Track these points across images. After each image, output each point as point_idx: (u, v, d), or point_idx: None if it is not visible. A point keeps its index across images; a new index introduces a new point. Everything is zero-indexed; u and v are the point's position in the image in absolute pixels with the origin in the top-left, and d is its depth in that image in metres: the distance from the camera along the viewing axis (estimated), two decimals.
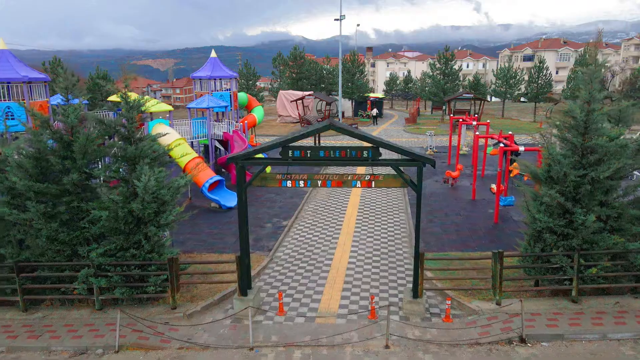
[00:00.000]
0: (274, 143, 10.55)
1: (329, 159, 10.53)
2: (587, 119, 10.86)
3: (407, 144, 37.04)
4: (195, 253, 15.39)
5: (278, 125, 50.46)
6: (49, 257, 11.33)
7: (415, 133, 42.94)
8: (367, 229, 17.62)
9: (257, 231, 17.33)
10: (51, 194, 10.95)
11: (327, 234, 17.25)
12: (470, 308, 11.29)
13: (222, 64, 29.39)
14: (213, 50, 29.63)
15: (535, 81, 52.48)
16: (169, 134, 21.43)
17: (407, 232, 17.31)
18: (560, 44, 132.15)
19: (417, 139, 40.00)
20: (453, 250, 15.25)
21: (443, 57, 49.10)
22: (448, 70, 49.08)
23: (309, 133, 10.59)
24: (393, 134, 42.96)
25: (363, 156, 10.47)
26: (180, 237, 16.62)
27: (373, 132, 43.75)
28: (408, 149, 10.66)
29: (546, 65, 52.40)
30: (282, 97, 52.76)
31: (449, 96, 47.38)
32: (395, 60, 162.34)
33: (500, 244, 15.70)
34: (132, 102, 11.13)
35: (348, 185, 10.78)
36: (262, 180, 10.76)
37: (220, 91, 28.86)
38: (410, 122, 49.17)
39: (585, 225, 10.68)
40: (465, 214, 19.13)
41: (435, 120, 53.90)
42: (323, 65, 72.61)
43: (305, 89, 58.95)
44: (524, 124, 51.20)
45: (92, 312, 11.45)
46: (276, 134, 43.36)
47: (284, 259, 15.07)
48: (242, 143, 24.38)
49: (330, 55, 79.38)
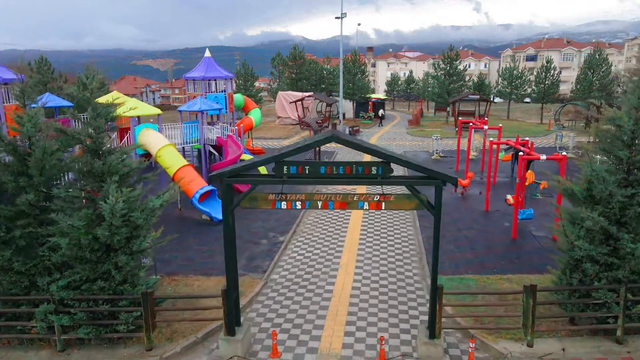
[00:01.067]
0: (266, 158, 8.90)
1: (331, 177, 8.88)
2: (635, 128, 9.20)
3: (410, 147, 35.35)
4: (180, 276, 13.73)
5: (277, 127, 48.80)
6: (2, 290, 9.68)
7: (419, 136, 41.25)
8: (371, 246, 15.95)
9: (251, 248, 15.67)
10: (4, 217, 9.29)
11: (327, 251, 15.58)
12: (496, 350, 9.63)
13: (216, 64, 27.75)
14: (207, 49, 27.99)
15: (542, 82, 50.79)
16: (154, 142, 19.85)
17: (417, 249, 15.65)
18: (564, 43, 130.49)
19: (421, 142, 38.32)
20: (469, 273, 13.58)
21: (447, 57, 47.44)
22: (452, 71, 47.40)
23: (307, 146, 8.93)
24: (396, 137, 41.28)
25: (371, 173, 8.82)
26: (165, 256, 14.97)
27: (377, 134, 42.11)
28: (425, 164, 9.00)
29: (553, 65, 50.72)
30: (281, 98, 51.11)
31: (454, 97, 45.71)
32: (396, 60, 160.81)
33: (522, 265, 14.06)
34: (99, 108, 9.46)
35: (353, 207, 9.11)
36: (252, 201, 9.10)
37: (215, 92, 27.21)
38: (414, 124, 47.53)
39: (634, 254, 9.03)
40: (478, 228, 17.48)
41: (439, 122, 52.24)
42: (323, 66, 70.94)
43: (305, 90, 57.29)
44: (531, 125, 49.55)
45: (53, 354, 9.79)
46: (275, 136, 41.70)
47: (279, 283, 13.41)
48: (236, 149, 22.73)
49: (330, 55, 77.72)
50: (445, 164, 28.64)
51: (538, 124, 51.21)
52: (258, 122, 30.89)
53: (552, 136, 39.55)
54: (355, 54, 50.92)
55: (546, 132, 42.51)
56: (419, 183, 8.96)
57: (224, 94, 27.10)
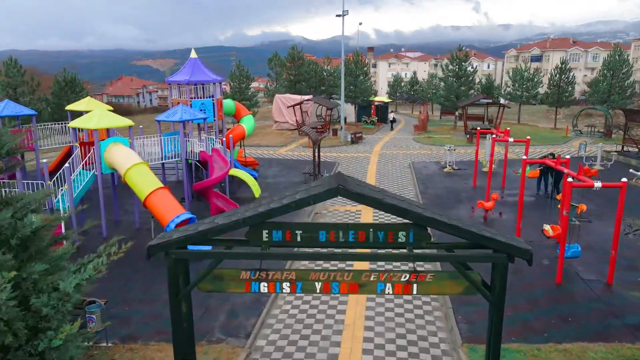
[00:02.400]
0: (235, 220, 5.78)
1: (335, 245, 5.80)
2: None
3: (419, 157, 32.26)
4: (140, 343, 10.63)
5: (274, 133, 45.71)
6: None
7: (427, 143, 38.12)
8: (383, 296, 12.86)
9: (232, 299, 12.57)
10: None
11: (329, 304, 12.49)
12: None
13: (203, 66, 24.67)
14: (193, 50, 24.90)
15: (557, 83, 47.69)
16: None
17: (440, 301, 12.54)
18: (570, 43, 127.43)
19: (429, 150, 35.23)
20: (512, 340, 10.47)
21: (456, 57, 44.33)
22: (462, 72, 44.29)
23: (300, 202, 5.83)
24: (402, 145, 38.17)
25: (398, 241, 5.73)
26: (125, 309, 11.91)
27: (381, 141, 38.98)
28: (484, 231, 5.90)
29: (569, 66, 47.62)
30: (279, 102, 48.02)
31: (464, 101, 42.61)
32: (397, 60, 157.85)
33: (578, 325, 10.98)
34: None
35: (370, 292, 6.03)
36: (216, 282, 6.04)
37: (202, 99, 24.15)
38: (420, 129, 44.43)
39: None
40: (512, 267, 14.35)
41: (446, 126, 49.15)
42: (323, 67, 67.86)
43: (304, 93, 54.22)
44: (545, 131, 46.47)
45: None
46: (271, 143, 38.57)
47: (267, 353, 10.33)
48: (223, 165, 19.65)
49: (331, 55, 74.61)
50: (460, 179, 25.55)
51: (552, 129, 48.15)
52: (251, 131, 27.84)
53: (573, 144, 36.48)
54: (357, 55, 47.89)
55: (564, 138, 39.43)
56: (474, 259, 5.86)
57: (211, 100, 24.03)
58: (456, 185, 24.21)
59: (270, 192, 22.79)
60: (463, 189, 23.40)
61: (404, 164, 30.15)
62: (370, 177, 26.82)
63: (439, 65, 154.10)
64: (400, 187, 24.28)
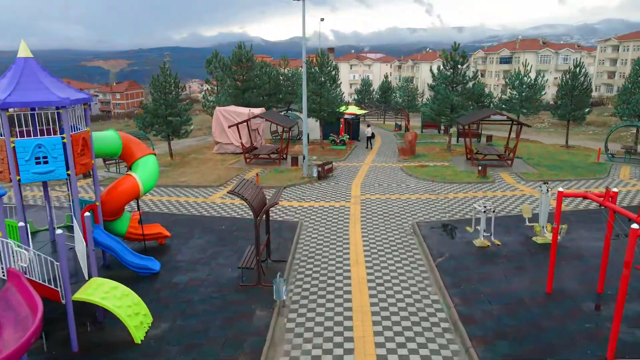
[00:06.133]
0: None
1: None
2: None
3: (421, 208, 21.30)
4: None
5: (213, 160, 33.92)
6: None
7: (425, 178, 27.20)
8: None
9: None
10: None
11: None
12: None
13: (47, 73, 12.96)
14: (22, 41, 13.07)
15: (570, 92, 38.28)
16: None
17: None
18: (540, 44, 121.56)
19: (432, 194, 24.48)
20: None
21: (451, 58, 33.99)
22: (460, 78, 33.99)
23: None
24: (389, 181, 27.18)
25: None
26: None
27: (360, 174, 27.65)
28: None
29: (584, 70, 38.31)
30: (220, 117, 36.36)
31: (464, 116, 32.30)
32: (358, 62, 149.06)
33: None
34: None
35: None
36: None
37: (41, 136, 12.45)
38: (407, 153, 33.83)
39: None
40: None
41: (435, 146, 38.84)
42: (279, 69, 56.54)
43: (254, 104, 42.68)
44: (559, 151, 36.88)
45: None
46: (203, 181, 26.64)
47: None
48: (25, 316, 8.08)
49: (289, 56, 63.45)
50: (516, 267, 14.63)
51: (564, 148, 38.69)
52: (150, 185, 16.18)
53: (614, 175, 26.77)
54: (321, 55, 36.90)
55: (599, 167, 29.73)
56: None
57: (59, 139, 12.28)
58: (522, 285, 13.43)
59: (170, 323, 11.34)
60: (538, 297, 12.62)
61: (403, 224, 19.30)
62: (358, 271, 15.76)
63: (403, 67, 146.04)
64: (418, 304, 13.32)
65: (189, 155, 36.99)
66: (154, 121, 33.53)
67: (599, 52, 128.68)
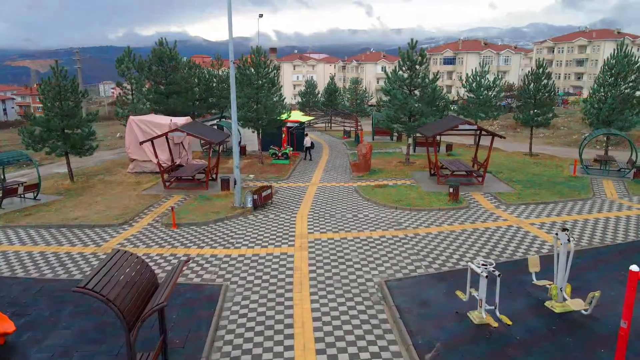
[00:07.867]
0: None
1: None
2: None
3: (389, 255, 16.24)
4: None
5: (124, 184, 27.35)
6: None
7: (386, 204, 22.34)
8: None
9: None
10: None
11: None
12: None
13: None
14: None
15: (533, 95, 34.85)
16: None
17: None
18: (482, 46, 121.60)
19: (402, 231, 19.58)
20: None
21: (407, 57, 29.38)
22: (418, 80, 29.43)
23: None
24: (346, 212, 22.03)
25: None
26: None
27: (307, 201, 21.90)
28: None
29: (547, 70, 34.98)
30: (135, 128, 29.88)
31: (431, 125, 27.76)
32: (302, 62, 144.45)
33: None
34: None
35: None
36: None
37: None
38: (361, 170, 28.88)
39: None
40: None
41: (390, 157, 34.26)
42: (212, 71, 50.22)
43: (182, 110, 36.29)
44: (522, 161, 33.31)
45: None
46: (102, 219, 20.16)
47: None
48: None
49: (223, 56, 57.19)
50: None
51: (528, 156, 35.23)
52: None
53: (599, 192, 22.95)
54: (258, 53, 31.31)
55: (576, 180, 26.05)
56: None
57: None
58: None
59: None
60: None
61: (367, 283, 14.12)
62: None
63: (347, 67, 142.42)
64: None
65: (96, 176, 30.14)
66: (47, 135, 26.55)
67: (535, 53, 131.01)
